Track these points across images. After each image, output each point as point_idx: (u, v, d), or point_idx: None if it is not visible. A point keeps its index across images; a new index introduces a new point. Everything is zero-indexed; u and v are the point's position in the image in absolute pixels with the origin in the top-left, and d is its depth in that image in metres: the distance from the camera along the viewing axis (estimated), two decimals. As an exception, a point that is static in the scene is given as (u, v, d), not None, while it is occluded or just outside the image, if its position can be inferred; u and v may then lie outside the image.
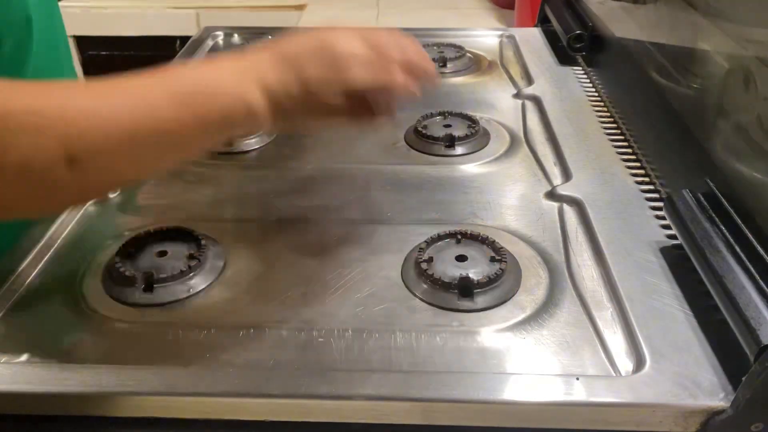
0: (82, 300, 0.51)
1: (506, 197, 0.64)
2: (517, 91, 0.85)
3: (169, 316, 0.50)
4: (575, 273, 0.53)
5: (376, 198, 0.64)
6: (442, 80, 0.90)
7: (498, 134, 0.75)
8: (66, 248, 0.57)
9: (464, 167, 0.69)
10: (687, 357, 0.44)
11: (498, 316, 0.49)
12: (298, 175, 0.69)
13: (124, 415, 0.43)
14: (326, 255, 0.56)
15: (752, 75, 0.49)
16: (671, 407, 0.41)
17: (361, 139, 0.75)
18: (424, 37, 1.00)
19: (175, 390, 0.43)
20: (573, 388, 0.42)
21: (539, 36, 1.02)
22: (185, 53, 0.97)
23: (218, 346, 0.47)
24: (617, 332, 0.48)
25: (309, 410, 0.43)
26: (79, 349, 0.48)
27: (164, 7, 1.57)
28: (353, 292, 0.52)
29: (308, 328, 0.49)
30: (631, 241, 0.55)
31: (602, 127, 0.75)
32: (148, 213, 0.62)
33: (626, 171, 0.66)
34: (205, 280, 0.53)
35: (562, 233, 0.58)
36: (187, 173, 0.69)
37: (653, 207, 0.60)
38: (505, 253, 0.53)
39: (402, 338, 0.48)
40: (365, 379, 0.43)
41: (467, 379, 0.43)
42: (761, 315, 0.41)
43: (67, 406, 0.44)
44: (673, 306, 0.49)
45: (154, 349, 0.47)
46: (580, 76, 0.89)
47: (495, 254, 0.53)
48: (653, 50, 0.70)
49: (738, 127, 0.51)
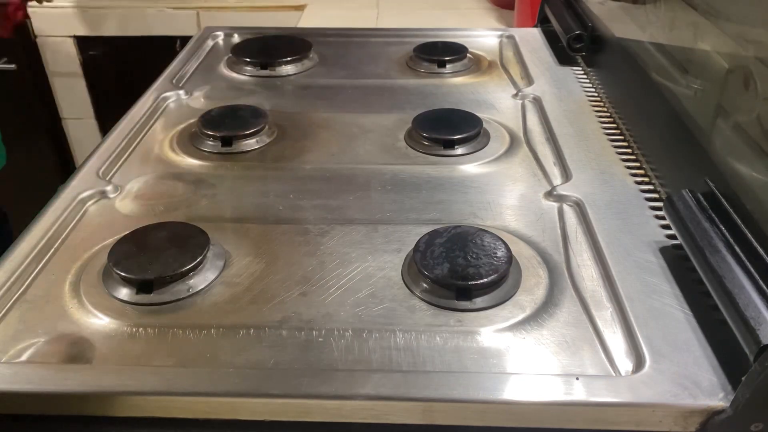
0: (81, 300, 0.51)
1: (506, 197, 0.64)
2: (516, 91, 0.85)
3: (169, 316, 0.50)
4: (575, 273, 0.53)
5: (376, 198, 0.64)
6: (442, 80, 0.90)
7: (498, 134, 0.75)
8: (66, 248, 0.57)
9: (464, 167, 0.69)
10: (687, 357, 0.44)
11: (498, 316, 0.49)
12: (298, 175, 0.69)
13: (124, 415, 0.44)
14: (326, 255, 0.56)
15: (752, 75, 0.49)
16: (671, 407, 0.41)
17: (361, 139, 0.75)
18: (424, 37, 1.01)
19: (175, 390, 0.43)
20: (573, 388, 0.42)
21: (539, 36, 1.02)
22: (185, 53, 0.97)
23: (218, 346, 0.47)
24: (617, 332, 0.48)
25: (309, 410, 0.43)
26: (79, 349, 0.48)
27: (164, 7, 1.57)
28: (353, 292, 0.52)
29: (308, 328, 0.49)
30: (630, 241, 0.56)
31: (602, 127, 0.75)
32: (148, 213, 0.62)
33: (626, 171, 0.66)
34: (205, 280, 0.53)
35: (562, 233, 0.58)
36: (187, 173, 0.69)
37: (653, 207, 0.60)
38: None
39: (402, 338, 0.48)
40: (365, 379, 0.43)
41: (467, 379, 0.43)
42: (761, 315, 0.41)
43: (67, 406, 0.44)
44: (672, 306, 0.49)
45: (154, 349, 0.47)
46: (580, 76, 0.89)
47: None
48: (653, 50, 0.70)
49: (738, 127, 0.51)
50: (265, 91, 0.87)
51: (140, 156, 0.72)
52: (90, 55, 1.63)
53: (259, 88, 0.88)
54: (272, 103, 0.84)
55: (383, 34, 1.07)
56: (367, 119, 0.79)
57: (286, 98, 0.86)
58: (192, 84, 0.89)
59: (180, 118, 0.80)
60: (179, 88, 0.86)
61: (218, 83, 0.90)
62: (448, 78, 0.91)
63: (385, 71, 0.93)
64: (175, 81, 0.88)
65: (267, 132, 0.75)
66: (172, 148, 0.73)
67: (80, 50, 1.62)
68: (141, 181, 0.67)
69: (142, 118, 0.78)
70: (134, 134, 0.75)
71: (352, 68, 0.94)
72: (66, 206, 0.61)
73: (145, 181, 0.67)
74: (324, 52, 0.98)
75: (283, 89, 0.89)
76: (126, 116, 0.78)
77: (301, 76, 0.92)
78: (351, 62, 0.96)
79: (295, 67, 0.93)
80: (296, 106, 0.84)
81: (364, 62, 0.96)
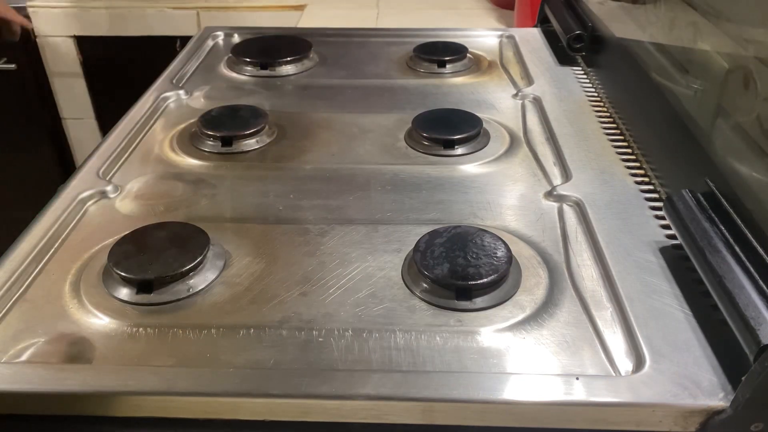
0: (81, 300, 0.51)
1: (506, 197, 0.64)
2: (516, 91, 0.85)
3: (169, 316, 0.50)
4: (575, 273, 0.53)
5: (376, 198, 0.64)
6: (442, 80, 0.90)
7: (498, 134, 0.75)
8: (66, 248, 0.57)
9: (464, 167, 0.69)
10: (687, 357, 0.44)
11: (498, 316, 0.49)
12: (298, 175, 0.69)
13: (124, 415, 0.44)
14: (326, 255, 0.56)
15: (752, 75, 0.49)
16: (671, 407, 0.41)
17: (361, 139, 0.75)
18: (424, 37, 1.01)
19: (175, 390, 0.43)
20: (573, 388, 0.42)
21: (539, 36, 1.02)
22: (185, 53, 0.97)
23: (218, 346, 0.47)
24: (617, 332, 0.48)
25: (309, 410, 0.43)
26: (79, 349, 0.48)
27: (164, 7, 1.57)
28: (353, 292, 0.52)
29: (308, 328, 0.49)
30: (630, 241, 0.56)
31: (602, 127, 0.75)
32: (148, 213, 0.62)
33: (626, 171, 0.66)
34: (205, 280, 0.53)
35: (562, 233, 0.58)
36: (187, 173, 0.69)
37: (653, 207, 0.60)
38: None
39: (402, 338, 0.48)
40: (365, 379, 0.43)
41: (467, 379, 0.43)
42: (761, 315, 0.41)
43: (67, 406, 0.44)
44: (672, 306, 0.49)
45: (154, 349, 0.47)
46: (580, 76, 0.89)
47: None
48: (653, 50, 0.70)
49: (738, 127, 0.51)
50: (265, 91, 0.87)
51: (140, 156, 0.72)
52: (90, 55, 1.63)
53: (259, 88, 0.88)
54: (272, 103, 0.84)
55: (383, 34, 1.07)
56: (367, 119, 0.79)
57: (286, 98, 0.86)
58: (192, 84, 0.89)
59: (180, 118, 0.80)
60: (179, 88, 0.86)
61: (218, 83, 0.90)
62: (448, 78, 0.91)
63: (385, 71, 0.93)
64: (175, 81, 0.88)
65: (267, 132, 0.75)
66: (172, 148, 0.73)
67: (80, 50, 1.62)
68: (141, 181, 0.67)
69: (142, 118, 0.78)
70: (134, 134, 0.75)
71: (352, 68, 0.94)
72: (66, 206, 0.61)
73: (145, 181, 0.67)
74: (324, 52, 0.98)
75: (283, 89, 0.89)
76: (126, 116, 0.78)
77: (301, 76, 0.92)
78: (351, 62, 0.96)
79: (295, 67, 0.93)
80: (296, 106, 0.84)
81: (364, 62, 0.96)
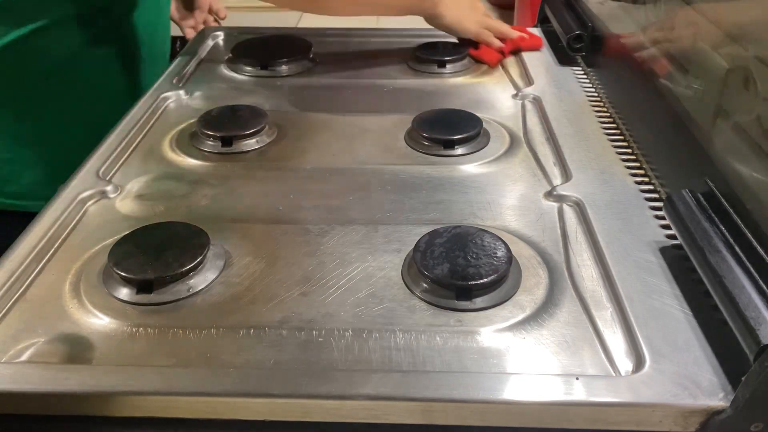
0: (81, 300, 0.51)
1: (506, 197, 0.64)
2: (516, 91, 0.85)
3: (169, 316, 0.50)
4: (575, 273, 0.53)
5: (376, 198, 0.64)
6: (442, 80, 0.90)
7: (498, 134, 0.75)
8: (66, 248, 0.57)
9: (464, 167, 0.69)
10: (687, 357, 0.44)
11: (498, 316, 0.49)
12: (298, 175, 0.69)
13: (124, 415, 0.44)
14: (326, 255, 0.56)
15: (752, 75, 0.49)
16: (671, 407, 0.41)
17: (361, 139, 0.75)
18: (424, 37, 1.01)
19: (175, 390, 0.43)
20: (573, 388, 0.42)
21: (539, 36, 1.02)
22: (185, 53, 0.97)
23: (218, 346, 0.47)
24: (617, 332, 0.48)
25: (309, 410, 0.43)
26: (79, 349, 0.48)
27: (164, 7, 1.57)
28: (353, 292, 0.52)
29: (308, 328, 0.49)
30: (630, 241, 0.56)
31: (602, 127, 0.75)
32: (148, 213, 0.62)
33: (626, 171, 0.66)
34: (205, 280, 0.53)
35: (562, 233, 0.58)
36: (187, 173, 0.69)
37: (653, 207, 0.60)
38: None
39: (402, 338, 0.48)
40: (365, 379, 0.43)
41: (467, 379, 0.43)
42: (761, 315, 0.41)
43: (67, 406, 0.44)
44: (672, 306, 0.49)
45: (154, 349, 0.47)
46: (580, 76, 0.89)
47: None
48: (653, 50, 0.70)
49: (738, 127, 0.51)
50: (265, 91, 0.87)
51: (140, 156, 0.72)
52: (90, 55, 1.63)
53: (259, 88, 0.88)
54: (272, 103, 0.84)
55: (383, 34, 1.07)
56: (367, 119, 0.79)
57: (286, 98, 0.86)
58: (192, 84, 0.89)
59: (180, 118, 0.80)
60: (179, 88, 0.86)
61: (218, 83, 0.90)
62: (448, 78, 0.91)
63: (385, 71, 0.93)
64: (175, 81, 0.88)
65: (267, 132, 0.75)
66: (172, 148, 0.73)
67: (80, 50, 1.61)
68: (141, 181, 0.67)
69: (142, 118, 0.78)
70: (134, 134, 0.75)
71: (352, 68, 0.94)
72: (66, 206, 0.61)
73: (145, 181, 0.67)
74: (324, 52, 0.98)
75: (283, 89, 0.89)
76: (126, 116, 0.78)
77: (301, 76, 0.92)
78: (351, 62, 0.96)
79: (295, 67, 0.93)
80: (296, 106, 0.84)
81: (364, 62, 0.96)
